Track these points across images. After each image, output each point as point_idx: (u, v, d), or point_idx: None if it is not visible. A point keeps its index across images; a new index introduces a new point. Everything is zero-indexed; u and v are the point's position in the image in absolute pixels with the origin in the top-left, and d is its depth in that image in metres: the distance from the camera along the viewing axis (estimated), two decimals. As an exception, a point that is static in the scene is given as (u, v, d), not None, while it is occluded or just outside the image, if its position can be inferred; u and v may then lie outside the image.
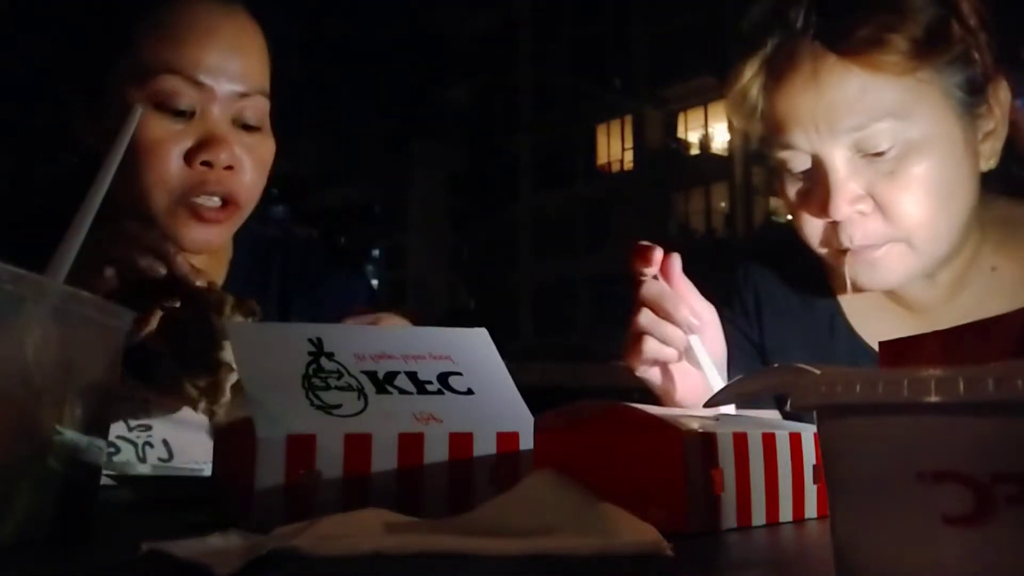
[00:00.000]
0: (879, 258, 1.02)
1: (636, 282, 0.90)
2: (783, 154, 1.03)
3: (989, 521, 0.30)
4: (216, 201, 1.01)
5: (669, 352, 0.90)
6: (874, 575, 0.33)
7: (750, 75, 1.06)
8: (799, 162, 1.02)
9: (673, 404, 0.94)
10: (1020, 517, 0.29)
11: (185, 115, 0.99)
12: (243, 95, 1.02)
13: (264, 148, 1.05)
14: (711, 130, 27.69)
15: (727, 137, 27.04)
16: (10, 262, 0.47)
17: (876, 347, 1.12)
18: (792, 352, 1.16)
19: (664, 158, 28.51)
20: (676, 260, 0.89)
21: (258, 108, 1.04)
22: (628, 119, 29.02)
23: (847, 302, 1.16)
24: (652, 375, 0.95)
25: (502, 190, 32.44)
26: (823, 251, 1.06)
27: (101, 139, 1.04)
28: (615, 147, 29.68)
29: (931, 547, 0.31)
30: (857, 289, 1.06)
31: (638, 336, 0.90)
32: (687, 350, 0.90)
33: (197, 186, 0.99)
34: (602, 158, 30.16)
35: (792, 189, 1.05)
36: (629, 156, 29.17)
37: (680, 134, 28.57)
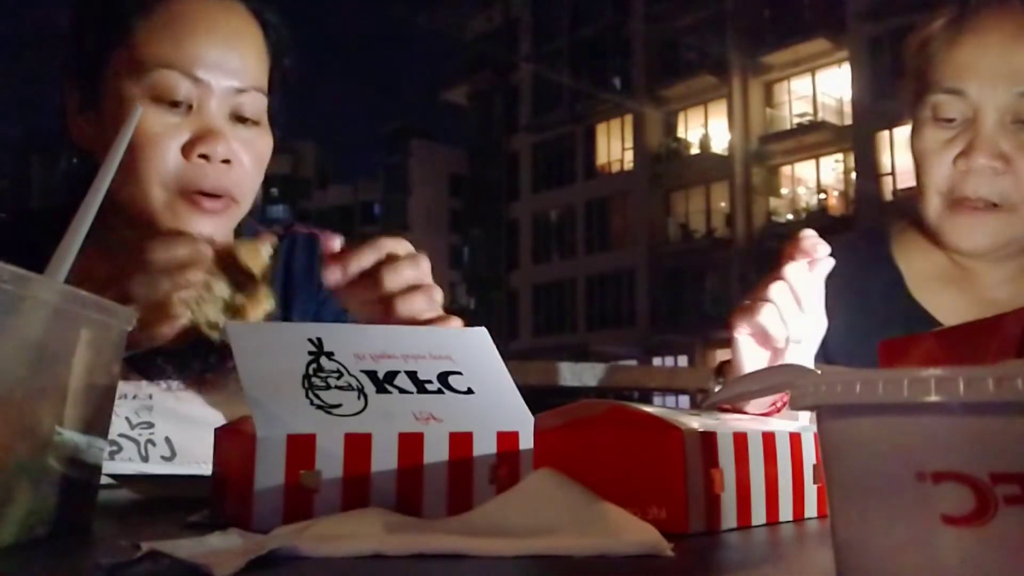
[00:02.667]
0: (985, 221, 1.13)
1: (783, 259, 0.89)
2: (943, 97, 1.13)
3: (989, 521, 0.30)
4: (214, 194, 1.01)
5: (780, 331, 0.88)
6: (874, 575, 0.33)
7: (943, 22, 1.17)
8: (954, 109, 1.13)
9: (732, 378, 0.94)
10: (1020, 517, 0.29)
11: (181, 108, 0.99)
12: (240, 91, 1.02)
13: (262, 143, 1.05)
14: (711, 130, 27.68)
15: (727, 137, 27.04)
16: (10, 262, 0.47)
17: (935, 315, 1.19)
18: (850, 317, 1.23)
19: (664, 158, 28.50)
20: (828, 265, 0.89)
21: (255, 103, 1.03)
22: (628, 119, 29.01)
23: (909, 271, 1.26)
24: (744, 340, 0.92)
25: (502, 190, 32.43)
26: (935, 201, 1.16)
27: (97, 139, 1.04)
28: (615, 147, 29.68)
29: (931, 547, 0.31)
30: (950, 247, 1.18)
31: (761, 301, 0.88)
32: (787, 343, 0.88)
33: (194, 180, 0.99)
34: (602, 158, 30.16)
35: (931, 135, 1.15)
36: (629, 156, 29.17)
37: (680, 134, 28.56)
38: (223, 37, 1.02)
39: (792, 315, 0.87)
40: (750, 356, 0.92)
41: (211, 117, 1.00)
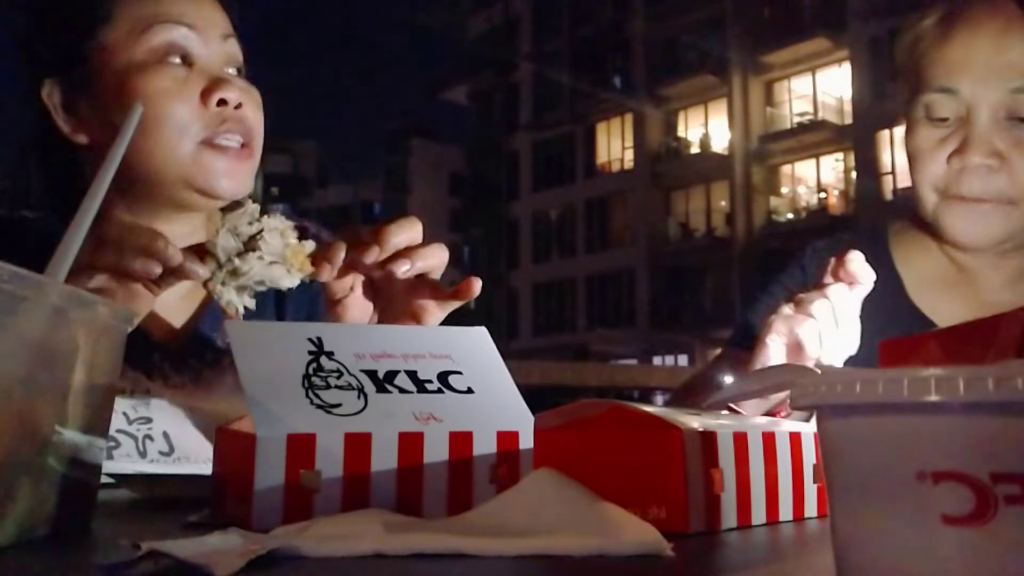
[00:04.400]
0: (983, 213, 1.11)
1: (827, 276, 0.88)
2: (935, 96, 1.12)
3: (989, 521, 0.30)
4: (237, 140, 1.03)
5: (816, 349, 0.87)
6: (874, 575, 0.33)
7: (932, 21, 1.16)
8: (946, 108, 1.11)
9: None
10: (1020, 517, 0.29)
11: (185, 64, 1.02)
12: (227, 36, 1.05)
13: (254, 91, 1.08)
14: (711, 129, 27.67)
15: (727, 136, 27.03)
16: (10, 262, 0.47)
17: (934, 319, 1.17)
18: None
19: (664, 157, 28.49)
20: (868, 289, 0.88)
21: (239, 50, 1.07)
22: (628, 118, 28.99)
23: (909, 274, 1.24)
24: (776, 348, 0.89)
25: (502, 189, 32.42)
26: (933, 199, 1.14)
27: (99, 126, 1.04)
28: (615, 147, 29.67)
29: (931, 547, 0.31)
30: (951, 243, 1.17)
31: (804, 315, 0.87)
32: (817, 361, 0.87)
33: (218, 125, 1.01)
34: (602, 158, 30.15)
35: (925, 134, 1.14)
36: (629, 155, 29.15)
37: (680, 133, 28.55)
38: None
39: (830, 336, 0.86)
40: (770, 359, 0.89)
41: (212, 66, 1.03)
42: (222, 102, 1.01)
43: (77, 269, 0.77)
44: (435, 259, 0.90)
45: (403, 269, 0.87)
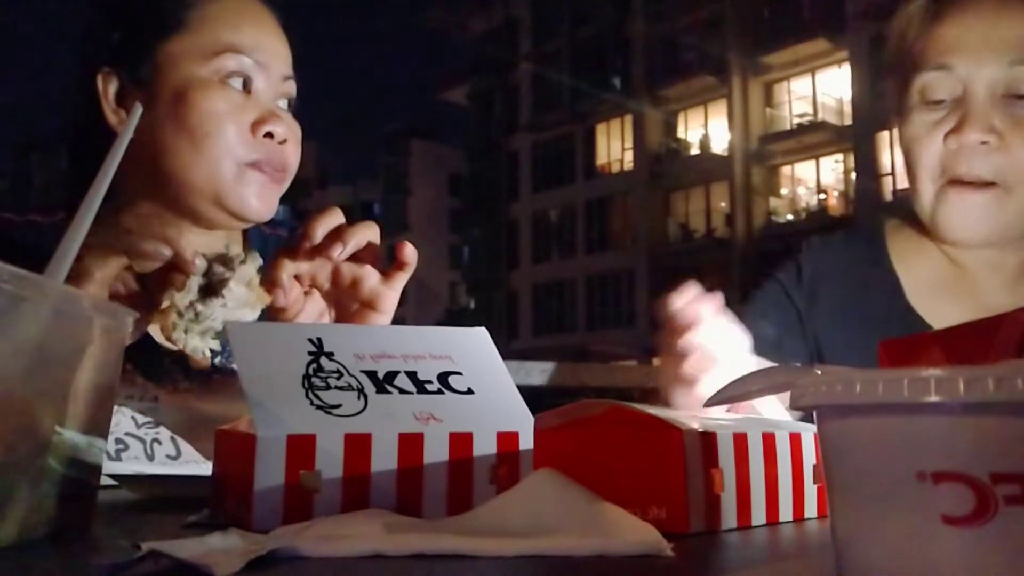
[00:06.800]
0: (979, 203, 1.09)
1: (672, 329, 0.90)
2: (930, 76, 1.10)
3: (989, 521, 0.30)
4: (273, 168, 1.08)
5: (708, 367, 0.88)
6: (874, 575, 0.33)
7: (922, 2, 1.15)
8: (943, 87, 1.10)
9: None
10: (1020, 517, 0.29)
11: (244, 88, 1.07)
12: (287, 77, 1.11)
13: (298, 128, 1.12)
14: (711, 130, 27.66)
15: (727, 137, 27.02)
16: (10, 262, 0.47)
17: (932, 322, 1.15)
18: (843, 324, 1.22)
19: (664, 158, 28.47)
20: (713, 304, 0.88)
21: (294, 90, 1.13)
22: (628, 119, 28.98)
23: (907, 276, 1.22)
24: (691, 395, 0.91)
25: (502, 190, 32.41)
26: (928, 190, 1.12)
27: (150, 119, 1.06)
28: (615, 147, 29.66)
29: (931, 547, 0.31)
30: (944, 238, 1.15)
31: (679, 356, 0.89)
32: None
33: (261, 156, 1.06)
34: (602, 158, 30.14)
35: (920, 119, 1.12)
36: (629, 156, 29.14)
37: (680, 134, 28.54)
38: (271, 27, 1.11)
39: (722, 350, 0.88)
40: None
41: (268, 100, 1.08)
42: (269, 135, 1.06)
43: (104, 247, 0.79)
44: (364, 234, 0.92)
45: (337, 252, 0.89)
